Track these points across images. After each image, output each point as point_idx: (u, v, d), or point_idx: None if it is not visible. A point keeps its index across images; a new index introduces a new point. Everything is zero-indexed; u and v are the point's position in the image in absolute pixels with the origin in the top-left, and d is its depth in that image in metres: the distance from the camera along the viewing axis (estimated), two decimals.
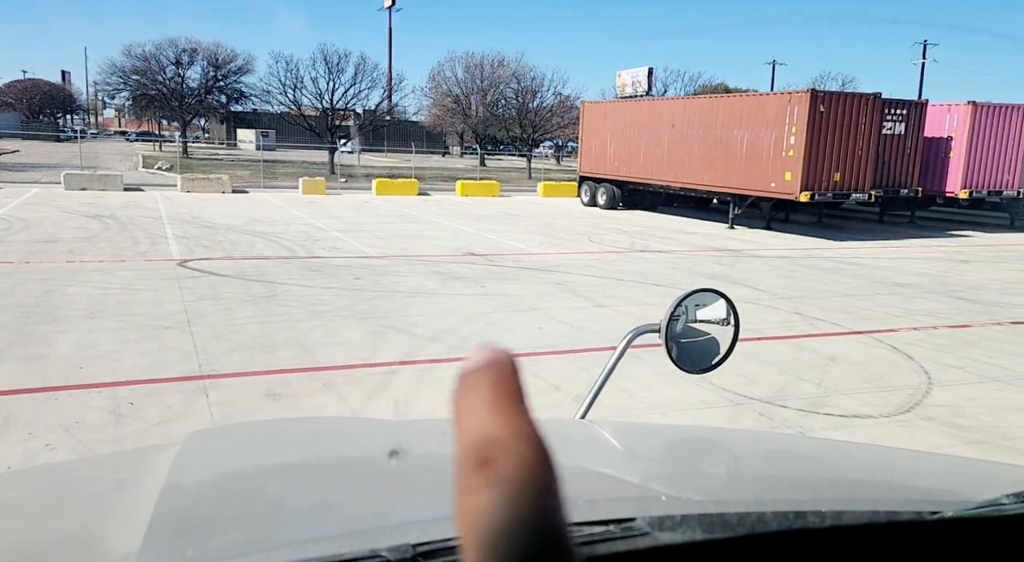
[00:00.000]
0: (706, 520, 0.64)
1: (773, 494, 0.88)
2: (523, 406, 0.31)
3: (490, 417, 0.30)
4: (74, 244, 12.49)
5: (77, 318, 7.64)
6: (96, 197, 20.85)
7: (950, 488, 1.00)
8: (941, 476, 1.08)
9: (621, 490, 0.86)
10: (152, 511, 0.78)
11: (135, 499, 0.88)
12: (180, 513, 0.84)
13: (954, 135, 19.79)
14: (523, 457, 0.29)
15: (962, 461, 1.19)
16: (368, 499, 0.87)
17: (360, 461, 1.11)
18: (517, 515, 0.27)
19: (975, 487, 0.96)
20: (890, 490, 0.96)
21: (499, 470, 0.28)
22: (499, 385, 0.31)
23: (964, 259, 14.68)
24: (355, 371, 6.31)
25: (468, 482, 0.28)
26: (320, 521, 0.76)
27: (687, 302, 1.88)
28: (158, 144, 57.70)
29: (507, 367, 0.32)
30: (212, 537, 0.76)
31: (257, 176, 28.35)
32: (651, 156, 21.58)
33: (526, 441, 0.29)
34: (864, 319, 8.87)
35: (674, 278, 11.36)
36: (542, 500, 0.28)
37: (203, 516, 0.84)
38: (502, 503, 0.27)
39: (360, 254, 12.75)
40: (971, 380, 6.60)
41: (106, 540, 0.77)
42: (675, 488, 0.86)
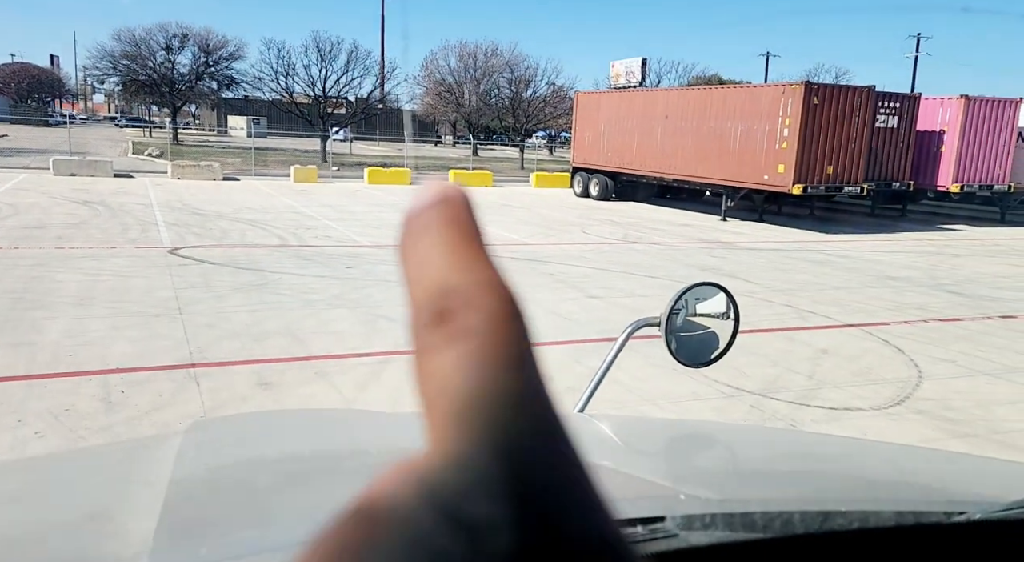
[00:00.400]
0: (734, 520, 0.63)
1: (789, 493, 0.87)
2: (483, 249, 0.26)
3: (445, 263, 0.25)
4: (63, 230, 12.39)
5: (66, 305, 7.58)
6: (85, 183, 20.67)
7: (973, 489, 0.99)
8: (963, 476, 1.08)
9: (638, 488, 0.85)
10: (160, 506, 0.76)
11: (140, 492, 0.87)
12: (189, 508, 0.83)
13: (946, 129, 19.85)
14: (489, 307, 0.24)
15: (984, 461, 1.18)
16: None
17: (368, 453, 1.09)
18: (489, 375, 0.22)
19: (998, 488, 0.95)
20: (913, 490, 0.95)
21: (461, 324, 0.23)
22: (453, 225, 0.26)
23: (955, 253, 14.76)
24: (347, 360, 6.29)
25: (425, 341, 0.23)
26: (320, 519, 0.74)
27: (687, 296, 1.87)
28: (148, 130, 57.28)
29: (461, 203, 0.26)
30: (224, 534, 0.75)
31: (248, 163, 28.18)
32: (644, 147, 21.56)
33: (490, 288, 0.24)
34: (855, 312, 8.90)
35: (667, 270, 11.37)
36: (516, 356, 0.23)
37: (213, 512, 0.83)
38: (468, 362, 0.22)
39: (352, 243, 12.70)
40: (961, 374, 6.64)
41: (115, 536, 0.75)
42: (690, 486, 0.85)
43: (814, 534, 0.63)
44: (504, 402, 0.22)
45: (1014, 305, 9.71)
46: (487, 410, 0.21)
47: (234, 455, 1.10)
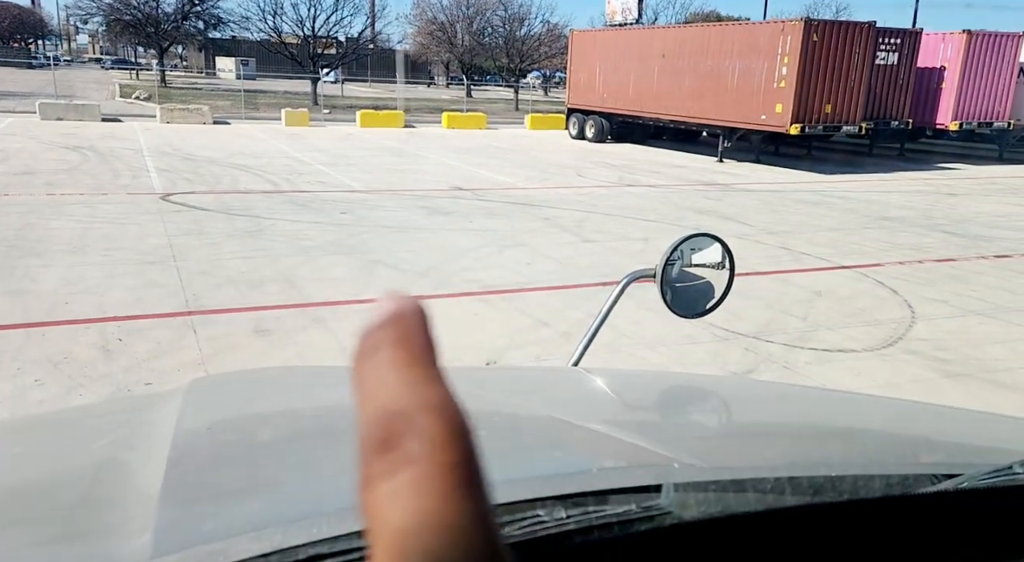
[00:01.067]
0: (727, 491, 0.64)
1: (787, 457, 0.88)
2: (433, 368, 0.25)
3: (393, 384, 0.24)
4: (53, 176, 12.23)
5: (60, 252, 7.54)
6: (73, 127, 20.33)
7: (967, 448, 1.00)
8: (960, 434, 1.08)
9: (630, 454, 0.85)
10: (162, 475, 0.76)
11: (142, 455, 0.86)
12: (192, 472, 0.83)
13: (947, 65, 19.54)
14: (431, 432, 0.23)
15: (984, 416, 1.19)
16: None
17: None
18: (427, 507, 0.22)
19: (995, 445, 0.96)
20: (906, 450, 0.96)
21: (404, 451, 0.23)
22: (403, 343, 0.25)
23: (951, 192, 14.71)
24: (344, 307, 6.31)
25: (371, 469, 0.23)
26: (345, 485, 0.74)
27: (683, 246, 1.87)
28: (135, 72, 56.01)
29: (413, 319, 0.26)
30: (229, 506, 0.75)
31: (238, 107, 27.69)
32: (641, 88, 21.21)
33: (434, 412, 0.24)
34: (851, 253, 8.92)
35: (662, 213, 11.33)
36: (458, 483, 0.22)
37: (219, 480, 0.83)
38: (408, 492, 0.22)
39: (346, 188, 12.59)
40: (954, 314, 6.70)
41: (115, 505, 0.75)
42: (683, 450, 0.86)
43: (808, 505, 0.63)
44: (439, 534, 0.21)
45: (1008, 245, 9.73)
46: (421, 544, 0.21)
47: (236, 414, 1.11)
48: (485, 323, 6.10)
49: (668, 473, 0.70)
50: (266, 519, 0.61)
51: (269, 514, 0.67)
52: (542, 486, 0.62)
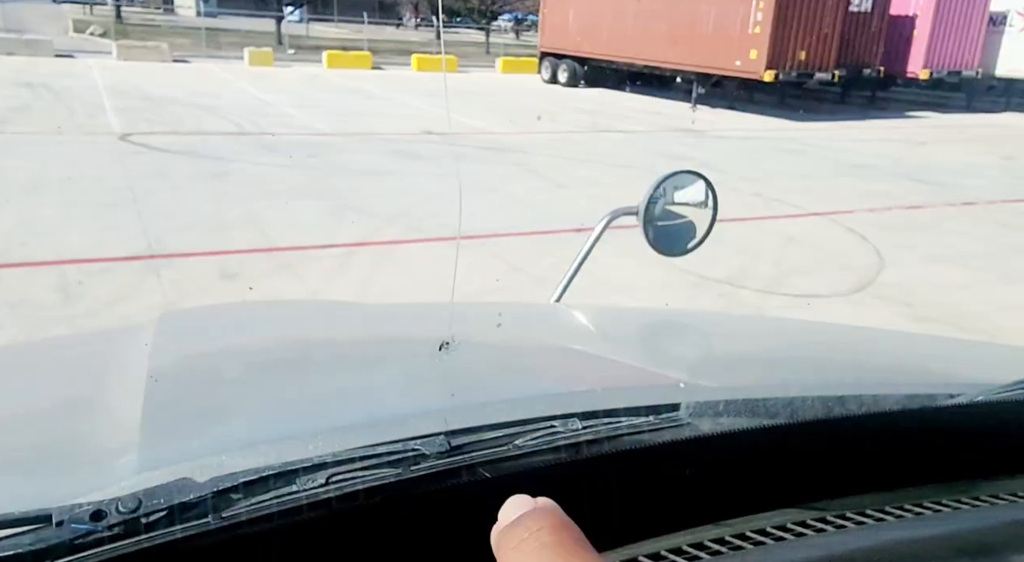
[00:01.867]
0: (739, 408, 0.60)
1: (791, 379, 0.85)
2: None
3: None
4: (4, 113, 11.72)
5: (15, 193, 7.25)
6: (25, 64, 19.44)
7: (973, 372, 0.98)
8: (958, 360, 1.06)
9: (634, 376, 0.81)
10: (142, 397, 0.72)
11: (119, 383, 0.82)
12: (171, 400, 0.79)
13: (919, 13, 19.48)
14: None
15: (983, 346, 1.18)
16: (381, 387, 0.80)
17: (338, 342, 1.03)
18: None
19: (997, 370, 0.94)
20: (915, 374, 0.94)
21: None
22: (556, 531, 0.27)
23: (921, 140, 14.81)
24: (312, 252, 6.19)
25: None
26: (333, 409, 0.70)
27: (666, 183, 1.83)
28: (89, 7, 53.63)
29: (558, 514, 0.27)
30: (214, 425, 0.70)
31: (199, 45, 26.72)
32: (615, 32, 20.83)
33: None
34: (822, 200, 8.96)
35: (636, 159, 11.24)
36: None
37: (199, 405, 0.79)
38: None
39: (313, 131, 12.27)
40: (921, 259, 6.79)
41: (99, 425, 0.72)
42: (691, 373, 0.81)
43: (822, 420, 0.61)
44: None
45: (975, 192, 9.85)
46: None
47: (210, 346, 1.05)
48: (458, 268, 6.02)
49: (679, 393, 0.67)
50: (254, 438, 0.57)
51: (255, 434, 0.62)
52: (553, 404, 0.58)
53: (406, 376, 0.83)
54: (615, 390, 0.70)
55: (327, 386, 0.81)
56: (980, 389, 0.70)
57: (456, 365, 0.79)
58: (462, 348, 0.74)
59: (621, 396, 0.65)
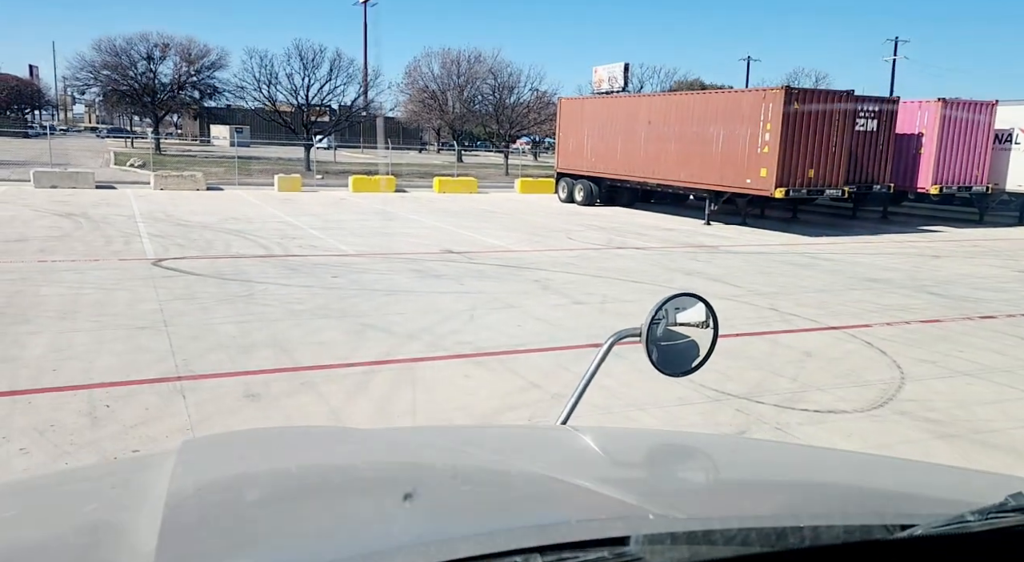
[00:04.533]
0: (697, 539, 0.66)
1: (756, 508, 0.91)
2: None
3: None
4: (46, 243, 12.29)
5: (50, 319, 7.52)
6: (67, 195, 20.51)
7: (928, 498, 1.03)
8: (921, 486, 1.11)
9: (610, 507, 0.88)
10: (158, 533, 0.78)
11: (136, 517, 0.87)
12: (187, 533, 0.84)
13: (925, 131, 20.11)
14: None
15: (944, 469, 1.22)
16: (377, 516, 0.87)
17: (355, 469, 1.11)
18: None
19: (953, 496, 0.99)
20: (867, 501, 0.99)
21: None
22: None
23: (935, 254, 14.94)
24: (334, 371, 6.29)
25: None
26: (332, 540, 0.76)
27: (667, 306, 1.91)
28: (130, 141, 56.87)
29: None
30: (230, 553, 0.76)
31: (232, 173, 28.06)
32: (628, 152, 21.68)
33: None
34: (839, 314, 9.00)
35: (651, 274, 11.44)
36: None
37: (216, 533, 0.84)
38: None
39: (337, 252, 12.69)
40: (942, 374, 6.73)
41: (116, 556, 0.76)
42: (661, 503, 0.88)
43: (769, 552, 0.66)
44: None
45: (993, 305, 9.85)
46: None
47: (229, 473, 1.12)
48: (477, 385, 6.08)
49: (642, 524, 0.73)
50: None
51: None
52: (521, 537, 0.65)
53: (399, 505, 0.89)
54: (587, 522, 0.76)
55: (342, 514, 0.87)
56: (936, 519, 0.73)
57: (451, 494, 0.87)
58: (462, 477, 0.81)
59: (592, 528, 0.71)
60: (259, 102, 39.37)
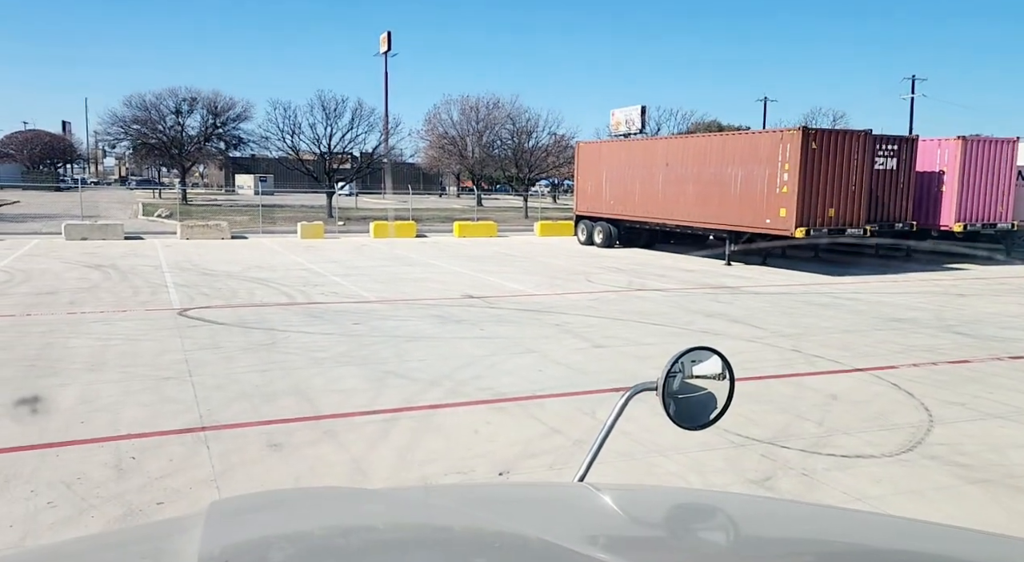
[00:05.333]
0: None
1: None
2: None
3: None
4: (75, 295, 12.54)
5: (78, 370, 7.65)
6: (97, 246, 20.97)
7: None
8: (938, 550, 1.10)
9: None
10: None
11: None
12: None
13: (945, 169, 20.02)
14: None
15: (957, 533, 1.20)
16: None
17: (381, 536, 1.13)
18: None
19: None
20: None
21: None
22: None
23: (960, 293, 14.74)
24: (356, 418, 6.31)
25: None
26: None
27: (683, 359, 1.94)
28: (158, 191, 58.22)
29: None
30: None
31: (256, 221, 28.56)
32: (646, 194, 21.79)
33: None
34: (864, 356, 8.89)
35: (672, 317, 11.39)
36: None
37: None
38: None
39: (359, 299, 12.80)
40: (972, 417, 6.60)
41: None
42: None
43: None
44: None
45: (1022, 345, 9.68)
46: None
47: (254, 538, 1.14)
48: (498, 431, 6.07)
49: None
50: None
51: None
52: None
53: None
54: None
55: None
56: None
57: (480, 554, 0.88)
58: (478, 543, 0.83)
59: None
60: (283, 151, 40.27)
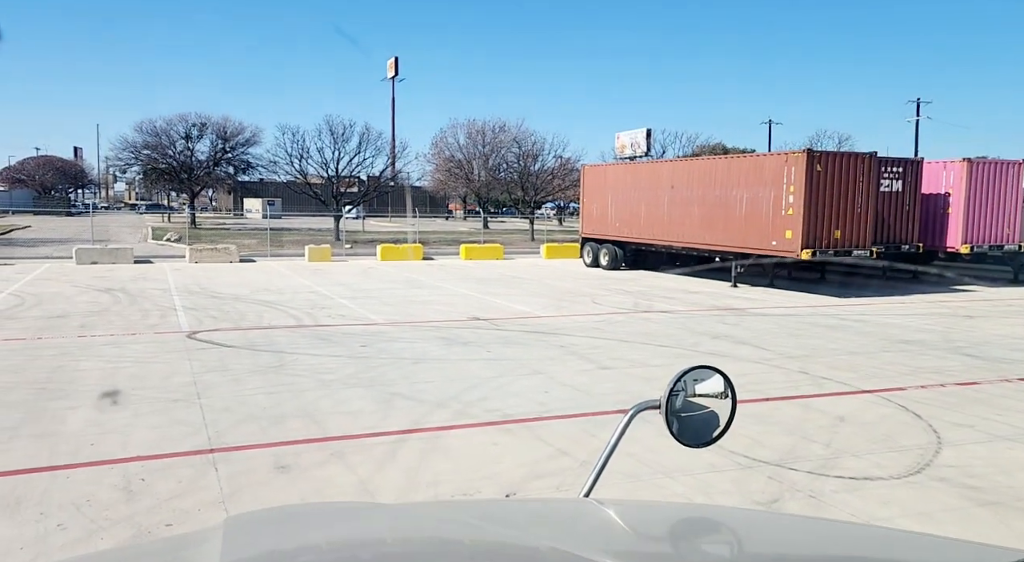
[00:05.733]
0: None
1: None
2: None
3: None
4: (85, 318, 12.64)
5: (88, 394, 7.70)
6: (107, 270, 21.13)
7: None
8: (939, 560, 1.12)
9: None
10: None
11: None
12: None
13: (951, 191, 20.03)
14: None
15: (954, 544, 1.23)
16: None
17: (390, 549, 1.17)
18: None
19: None
20: None
21: None
22: None
23: (968, 314, 14.70)
24: (363, 440, 6.33)
25: None
26: None
27: (686, 377, 1.97)
28: (167, 215, 58.69)
29: None
30: None
31: (264, 245, 28.74)
32: (652, 217, 21.87)
33: None
34: (871, 377, 8.87)
35: (678, 338, 11.39)
36: None
37: None
38: None
39: (366, 321, 12.85)
40: (981, 439, 6.57)
41: None
42: None
43: None
44: None
45: None
46: None
47: (271, 551, 1.18)
48: (504, 453, 6.07)
49: None
50: None
51: None
52: None
53: None
54: None
55: None
56: None
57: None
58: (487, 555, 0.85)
59: None
60: (291, 176, 40.58)
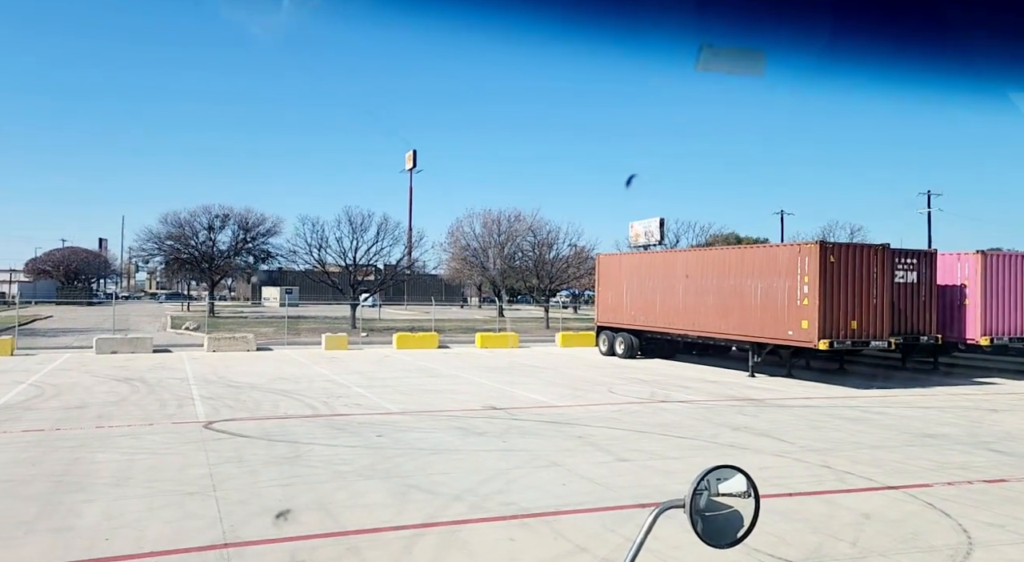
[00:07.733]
0: None
1: None
2: None
3: None
4: (104, 409, 12.69)
5: (104, 486, 7.68)
6: (126, 359, 21.32)
7: None
8: None
9: None
10: None
11: None
12: None
13: (967, 283, 20.00)
14: None
15: None
16: None
17: None
18: None
19: None
20: None
21: None
22: None
23: (993, 408, 14.43)
24: (379, 535, 6.24)
25: None
26: None
27: (709, 477, 2.00)
28: (186, 304, 59.47)
29: None
30: None
31: (281, 333, 28.95)
32: (667, 305, 21.93)
33: None
34: (896, 473, 8.67)
35: (697, 430, 11.24)
36: None
37: None
38: None
39: (382, 410, 12.81)
40: (1014, 540, 6.37)
41: None
42: None
43: None
44: None
45: None
46: None
47: None
48: (522, 549, 5.95)
49: None
50: None
51: None
52: None
53: None
54: None
55: None
56: None
57: None
58: None
59: None
60: (309, 264, 41.29)
